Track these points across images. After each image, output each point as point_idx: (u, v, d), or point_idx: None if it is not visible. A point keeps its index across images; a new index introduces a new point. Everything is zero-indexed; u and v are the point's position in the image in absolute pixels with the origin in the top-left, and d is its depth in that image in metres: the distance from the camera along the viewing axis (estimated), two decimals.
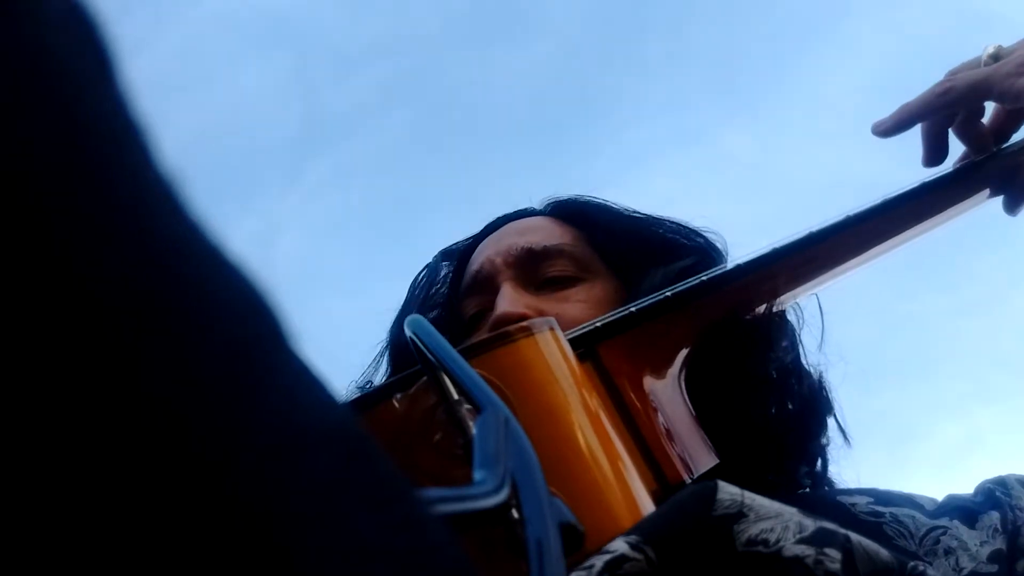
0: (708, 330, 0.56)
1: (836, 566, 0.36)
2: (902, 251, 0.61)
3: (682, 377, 0.54)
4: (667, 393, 0.52)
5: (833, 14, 2.74)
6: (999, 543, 0.50)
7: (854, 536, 0.38)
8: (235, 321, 0.18)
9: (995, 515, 0.52)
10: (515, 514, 0.26)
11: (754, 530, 0.38)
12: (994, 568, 0.48)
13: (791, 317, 0.63)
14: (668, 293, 0.54)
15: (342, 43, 2.79)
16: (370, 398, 0.44)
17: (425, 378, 0.40)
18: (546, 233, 0.67)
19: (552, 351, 0.46)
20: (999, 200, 0.64)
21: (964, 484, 0.59)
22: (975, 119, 0.63)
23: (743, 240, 0.67)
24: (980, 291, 2.55)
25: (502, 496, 0.26)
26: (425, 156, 2.70)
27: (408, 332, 0.40)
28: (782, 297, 0.57)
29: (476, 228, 0.76)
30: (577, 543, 0.31)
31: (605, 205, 0.71)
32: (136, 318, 0.15)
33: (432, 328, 0.39)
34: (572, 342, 0.48)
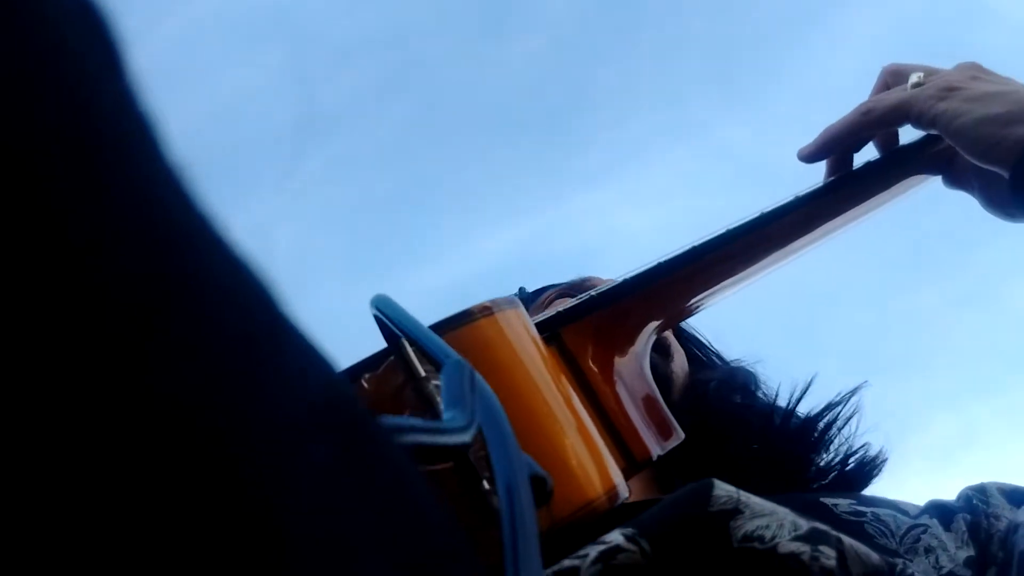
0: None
1: (831, 563, 0.37)
2: (851, 230, 0.66)
3: (647, 356, 0.57)
4: (632, 372, 0.55)
5: (829, 5, 2.74)
6: (971, 549, 0.52)
7: (845, 538, 0.39)
8: (242, 312, 0.18)
9: (967, 519, 0.54)
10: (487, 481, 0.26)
11: (750, 526, 0.39)
12: (968, 573, 0.50)
13: None
14: (627, 275, 0.58)
15: (337, 37, 2.79)
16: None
17: (393, 357, 0.41)
18: None
19: (514, 329, 0.47)
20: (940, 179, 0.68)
21: (959, 477, 0.60)
22: (891, 142, 0.68)
23: None
24: (975, 284, 2.56)
25: (470, 435, 0.26)
26: (421, 150, 2.70)
27: (373, 310, 0.40)
28: (739, 276, 0.61)
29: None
30: (546, 495, 0.31)
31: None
32: (146, 310, 0.16)
33: (396, 302, 0.39)
34: (537, 327, 0.51)
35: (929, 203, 0.67)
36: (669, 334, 0.72)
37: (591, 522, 0.42)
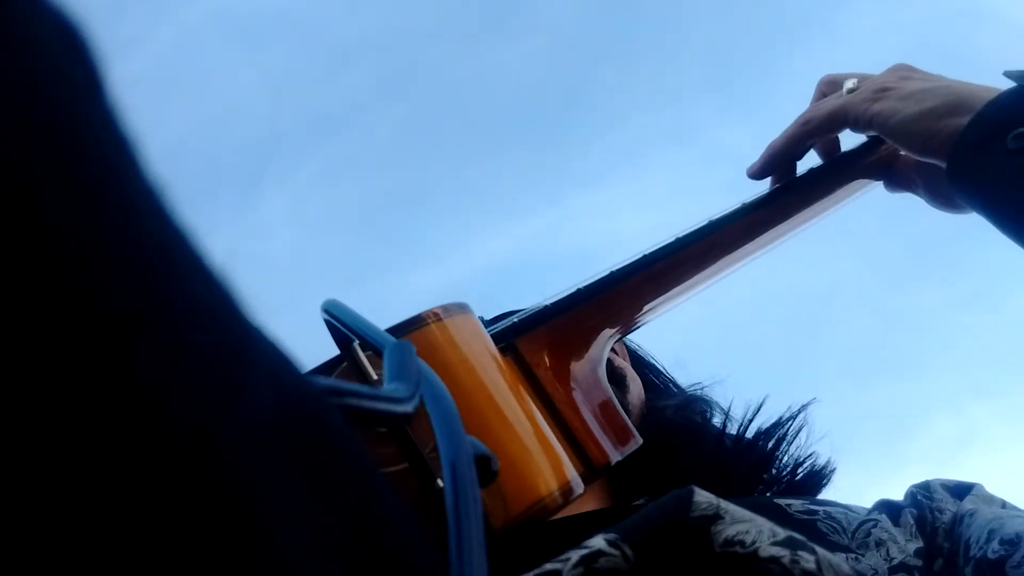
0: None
1: (812, 566, 0.37)
2: (797, 236, 0.68)
3: (603, 363, 0.58)
4: (588, 379, 0.56)
5: (827, 6, 2.74)
6: (920, 541, 0.53)
7: (819, 548, 0.40)
8: (215, 324, 0.19)
9: (913, 514, 0.55)
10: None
11: (730, 531, 0.39)
12: (919, 562, 0.51)
13: None
14: (580, 286, 0.59)
15: (337, 37, 2.79)
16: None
17: (345, 364, 0.41)
18: None
19: (464, 333, 0.48)
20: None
21: (959, 478, 0.61)
22: (832, 149, 0.70)
23: None
24: (975, 286, 2.56)
25: (412, 406, 0.27)
26: (421, 150, 2.70)
27: (323, 315, 0.41)
28: (690, 282, 0.62)
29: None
30: (491, 474, 0.31)
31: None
32: (127, 322, 0.17)
33: (345, 305, 0.39)
34: (492, 338, 0.51)
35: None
36: (625, 364, 0.73)
37: (565, 533, 0.42)
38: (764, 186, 0.69)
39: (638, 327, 0.63)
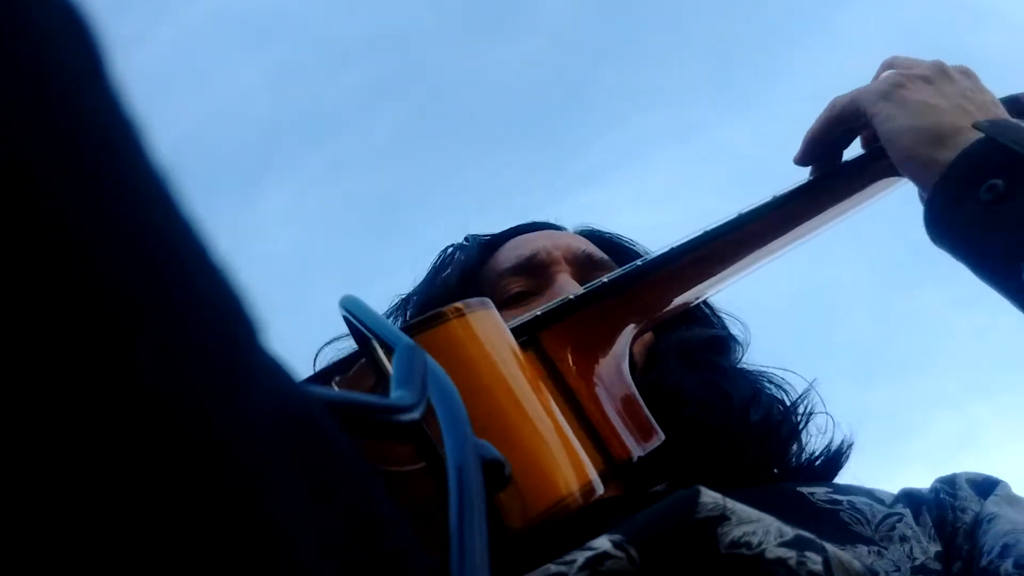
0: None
1: (818, 567, 0.37)
2: (829, 230, 0.66)
3: (626, 358, 0.57)
4: (611, 374, 0.55)
5: (827, 6, 2.74)
6: (939, 545, 0.52)
7: (829, 546, 0.40)
8: (218, 320, 0.19)
9: (932, 515, 0.54)
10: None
11: (737, 532, 0.39)
12: (939, 567, 0.50)
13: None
14: (605, 280, 0.58)
15: (337, 38, 2.79)
16: (310, 383, 0.44)
17: (364, 360, 0.40)
18: (597, 248, 0.74)
19: (486, 329, 0.47)
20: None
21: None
22: (873, 138, 0.68)
23: None
24: (975, 286, 2.55)
25: (419, 413, 0.26)
26: (421, 150, 2.70)
27: (342, 311, 0.40)
28: (717, 276, 0.61)
29: (468, 221, 0.78)
30: (503, 480, 0.31)
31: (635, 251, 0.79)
32: (128, 316, 0.16)
33: (363, 302, 0.39)
34: (514, 332, 0.50)
35: None
36: None
37: (574, 524, 0.42)
38: (788, 180, 0.66)
39: (661, 321, 0.61)
